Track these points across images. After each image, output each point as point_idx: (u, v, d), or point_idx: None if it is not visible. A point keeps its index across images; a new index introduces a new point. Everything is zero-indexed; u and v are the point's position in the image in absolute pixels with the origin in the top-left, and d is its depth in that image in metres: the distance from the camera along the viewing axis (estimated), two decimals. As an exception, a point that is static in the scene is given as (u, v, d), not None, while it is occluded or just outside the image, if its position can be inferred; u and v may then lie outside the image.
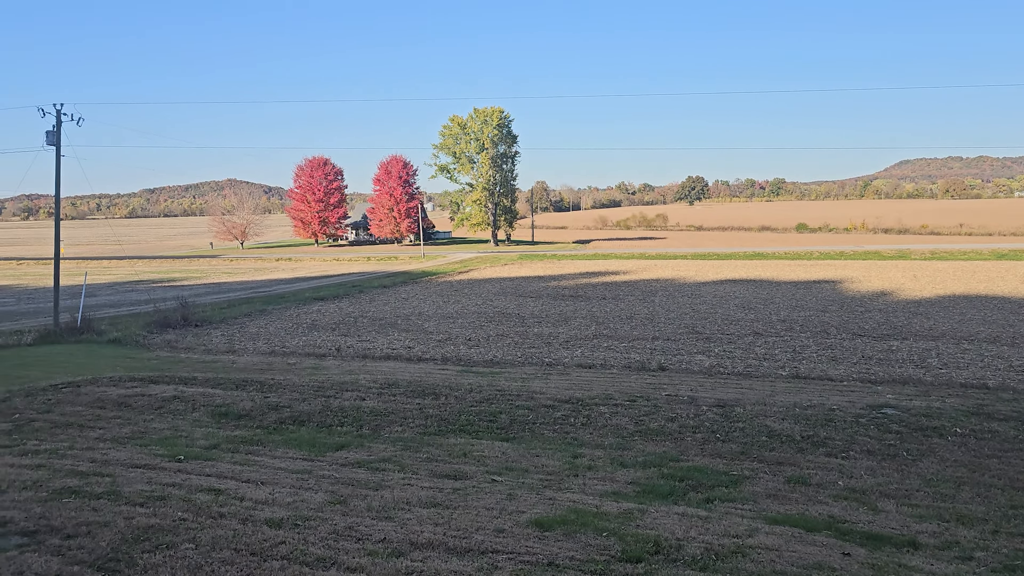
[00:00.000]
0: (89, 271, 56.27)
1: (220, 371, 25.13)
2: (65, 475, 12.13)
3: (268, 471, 13.15)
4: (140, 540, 8.88)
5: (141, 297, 53.68)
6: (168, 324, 38.61)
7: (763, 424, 16.47)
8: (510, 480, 12.79)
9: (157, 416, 18.50)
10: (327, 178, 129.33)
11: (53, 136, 36.16)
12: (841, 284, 55.21)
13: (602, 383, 22.33)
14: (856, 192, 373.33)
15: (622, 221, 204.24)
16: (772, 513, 10.86)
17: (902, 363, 25.45)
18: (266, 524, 9.80)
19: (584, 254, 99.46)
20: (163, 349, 32.18)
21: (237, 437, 16.27)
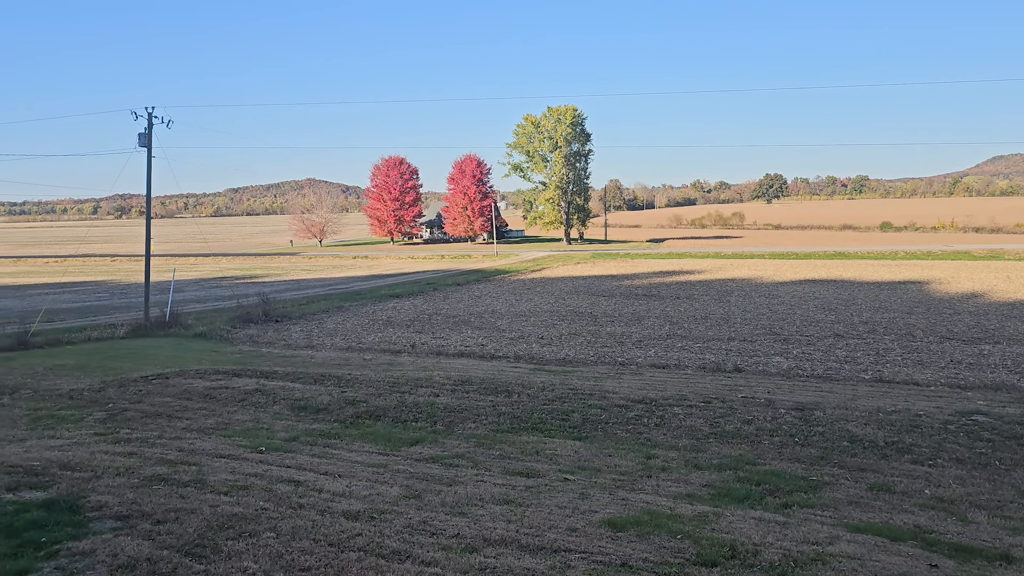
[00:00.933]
0: (177, 268, 58.51)
1: (299, 365, 25.80)
2: (155, 463, 12.65)
3: (345, 464, 13.44)
4: (224, 527, 9.20)
5: (225, 293, 55.55)
6: (250, 319, 39.84)
7: (844, 429, 16.00)
8: (582, 479, 12.76)
9: (240, 408, 19.12)
10: (403, 177, 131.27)
11: (145, 138, 37.71)
12: (928, 285, 53.16)
13: (676, 383, 22.05)
14: (945, 189, 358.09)
15: (697, 220, 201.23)
16: (854, 521, 10.53)
17: (994, 368, 24.34)
18: (343, 516, 10.02)
19: (658, 253, 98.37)
20: (245, 343, 33.22)
21: (315, 430, 16.68)
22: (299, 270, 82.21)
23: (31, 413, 18.33)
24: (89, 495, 10.36)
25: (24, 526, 9.05)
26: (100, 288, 64.89)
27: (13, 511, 9.59)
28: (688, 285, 56.98)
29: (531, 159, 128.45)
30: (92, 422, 17.25)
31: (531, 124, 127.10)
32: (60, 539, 8.63)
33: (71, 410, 18.68)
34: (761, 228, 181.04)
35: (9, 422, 17.27)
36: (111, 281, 72.27)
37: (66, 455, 12.98)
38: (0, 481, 10.81)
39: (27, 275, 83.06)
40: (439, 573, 8.16)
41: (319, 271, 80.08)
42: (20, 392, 21.11)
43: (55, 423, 17.12)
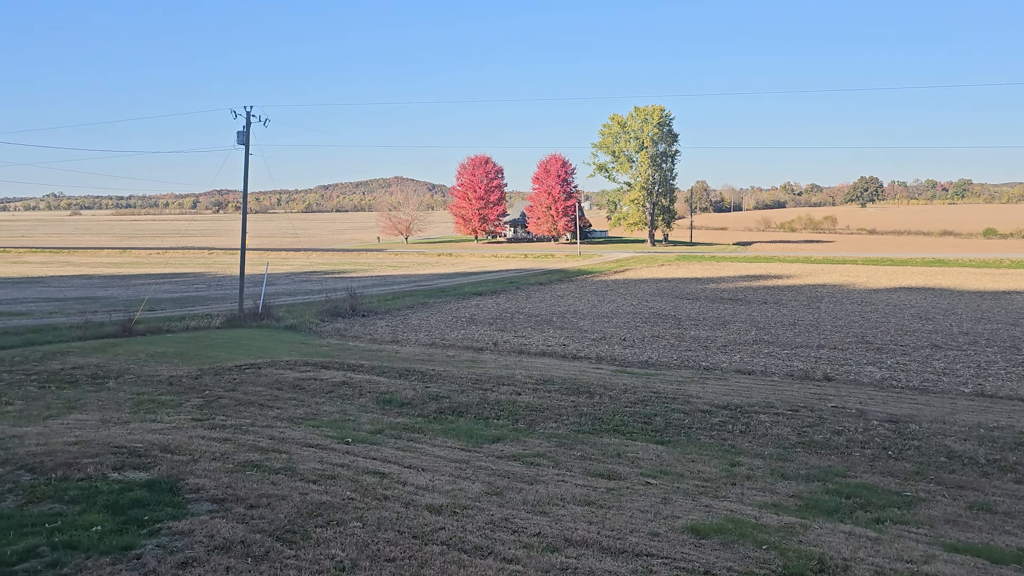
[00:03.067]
0: (270, 261, 60.52)
1: (384, 360, 26.34)
2: (248, 449, 13.13)
3: (428, 458, 13.65)
4: (313, 515, 9.48)
5: (314, 287, 57.18)
6: (338, 313, 40.90)
7: (941, 443, 15.33)
8: (664, 484, 12.62)
9: (327, 400, 19.65)
10: (488, 176, 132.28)
11: (243, 136, 39.14)
12: (1036, 296, 50.41)
13: (762, 390, 21.56)
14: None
15: (786, 223, 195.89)
16: (951, 540, 10.09)
17: (1109, 386, 22.91)
18: (427, 509, 10.18)
19: (745, 256, 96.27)
20: (333, 337, 34.11)
21: (399, 424, 17.00)
22: (385, 266, 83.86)
23: (134, 397, 19.29)
24: (187, 477, 10.84)
25: (128, 504, 9.54)
26: (198, 279, 67.73)
27: (119, 489, 10.11)
28: (776, 290, 55.58)
29: (616, 159, 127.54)
30: (190, 408, 18.03)
31: (617, 124, 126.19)
32: (161, 518, 9.06)
33: (171, 395, 19.57)
34: (854, 233, 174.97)
35: (115, 405, 18.22)
36: (208, 273, 75.32)
37: (166, 438, 13.60)
38: (107, 461, 11.41)
39: (132, 265, 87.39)
40: (520, 571, 8.20)
41: (404, 268, 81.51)
42: (124, 377, 22.23)
43: (156, 407, 17.96)
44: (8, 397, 19.01)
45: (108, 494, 9.90)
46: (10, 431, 13.92)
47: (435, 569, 8.10)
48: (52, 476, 10.55)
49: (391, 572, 7.98)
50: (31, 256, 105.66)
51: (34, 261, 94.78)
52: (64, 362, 24.24)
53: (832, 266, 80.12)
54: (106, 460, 11.45)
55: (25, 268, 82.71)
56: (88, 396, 19.34)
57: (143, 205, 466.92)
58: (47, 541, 8.20)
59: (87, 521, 8.84)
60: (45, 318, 38.23)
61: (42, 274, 74.41)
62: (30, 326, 34.39)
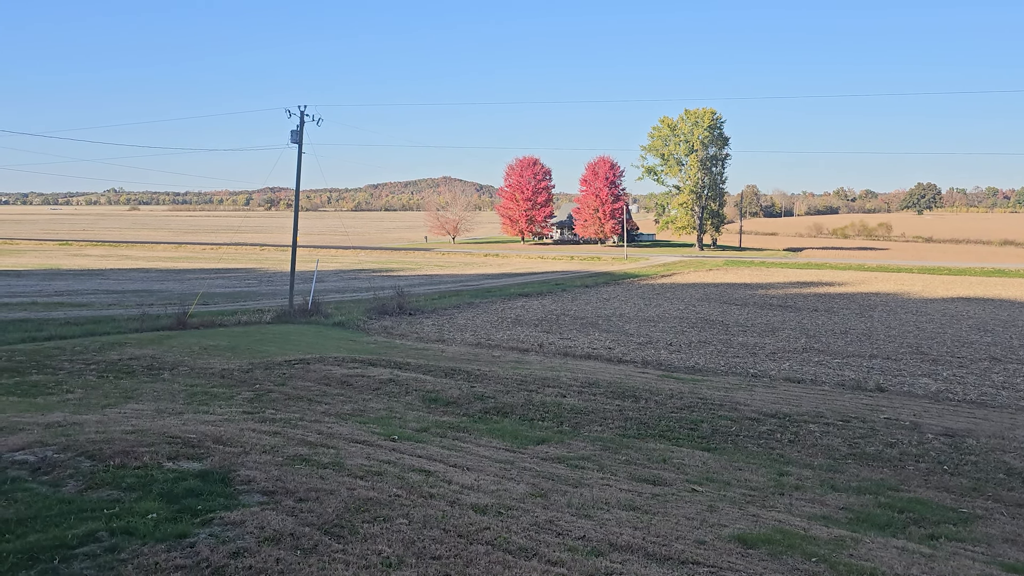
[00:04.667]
0: (319, 259, 61.38)
1: (430, 359, 26.52)
2: (296, 443, 13.34)
3: (473, 458, 13.71)
4: (361, 510, 9.59)
5: (363, 285, 57.83)
6: (385, 311, 41.31)
7: (1000, 460, 14.90)
8: (711, 491, 12.48)
9: (374, 396, 19.87)
10: (536, 178, 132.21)
11: (296, 135, 39.77)
12: (1101, 309, 48.63)
13: (812, 399, 21.19)
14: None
15: (839, 229, 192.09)
16: (1010, 560, 9.80)
17: None
18: (472, 509, 10.23)
19: (795, 262, 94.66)
20: (380, 334, 34.47)
21: (445, 423, 17.11)
22: (432, 265, 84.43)
23: (188, 389, 19.74)
24: (239, 469, 11.05)
25: (182, 493, 9.77)
26: (249, 275, 69.00)
27: (173, 479, 10.36)
28: (827, 297, 54.56)
29: (665, 162, 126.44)
30: (241, 401, 18.40)
31: (667, 127, 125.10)
32: (214, 508, 9.25)
33: (222, 388, 19.99)
34: (910, 240, 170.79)
35: (169, 396, 18.67)
36: (259, 269, 76.69)
37: (218, 430, 13.89)
38: (162, 450, 11.69)
39: (187, 260, 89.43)
40: (565, 574, 8.19)
41: (451, 267, 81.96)
42: (178, 369, 22.77)
43: (209, 399, 18.36)
44: (69, 385, 19.62)
45: (163, 483, 10.14)
46: (71, 418, 14.35)
47: (480, 569, 8.13)
48: (110, 463, 10.85)
49: (437, 570, 8.03)
50: (92, 249, 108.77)
51: (94, 254, 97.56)
52: (122, 353, 24.92)
53: (886, 274, 78.35)
54: (161, 449, 11.73)
55: (86, 261, 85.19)
56: (144, 386, 19.86)
57: (198, 201, 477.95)
58: (105, 526, 8.44)
59: (143, 508, 9.07)
60: (104, 310, 39.36)
61: (102, 267, 76.61)
62: (90, 317, 35.46)
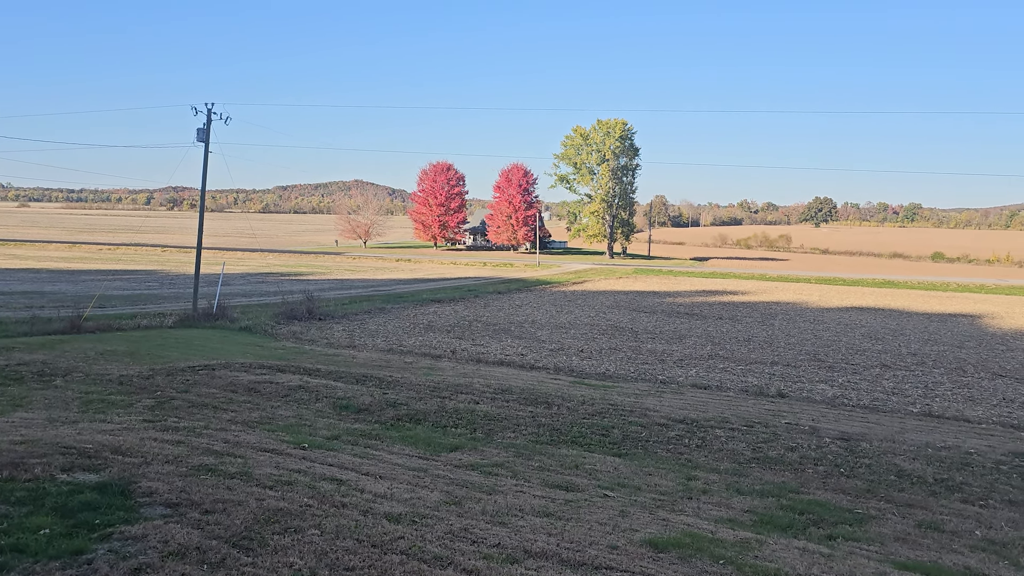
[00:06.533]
0: (225, 261, 59.55)
1: (341, 365, 26.07)
2: (202, 453, 12.88)
3: (386, 466, 13.54)
4: (270, 522, 9.33)
5: (270, 288, 56.43)
6: (294, 316, 40.40)
7: (891, 462, 15.68)
8: (622, 497, 12.68)
9: (283, 404, 19.38)
10: (449, 183, 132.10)
11: (203, 133, 38.53)
12: (980, 319, 51.89)
13: (718, 405, 21.83)
14: (1001, 222, 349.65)
15: (742, 240, 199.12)
16: (901, 558, 10.31)
17: (1049, 409, 23.66)
18: (385, 518, 10.09)
19: (701, 272, 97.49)
20: (289, 339, 33.68)
21: (357, 430, 16.83)
22: (343, 270, 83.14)
23: (82, 396, 18.79)
24: (140, 480, 10.59)
25: (78, 507, 9.28)
26: (151, 277, 66.35)
27: (68, 491, 9.84)
28: (731, 306, 56.37)
29: (578, 171, 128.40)
30: (141, 408, 17.63)
31: (580, 136, 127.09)
32: (113, 522, 8.83)
33: (121, 395, 19.12)
34: (808, 252, 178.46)
35: (62, 404, 17.73)
36: (161, 271, 73.84)
37: (117, 439, 13.28)
38: (55, 461, 11.09)
39: (81, 260, 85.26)
40: (480, 582, 8.17)
41: (362, 272, 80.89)
42: (72, 375, 21.66)
43: (106, 407, 17.53)
44: (-50, 393, 18.40)
45: (57, 496, 9.62)
46: (-48, 428, 13.48)
47: (394, 579, 8.03)
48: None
49: (350, 581, 7.89)
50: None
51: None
52: (9, 358, 23.55)
53: (786, 284, 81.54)
54: (54, 461, 11.14)
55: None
56: (34, 394, 18.80)
57: (95, 199, 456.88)
58: (-8, 544, 7.95)
59: (35, 524, 8.58)
60: (-11, 312, 37.10)
61: (-13, 266, 72.23)
62: (-27, 320, 33.35)
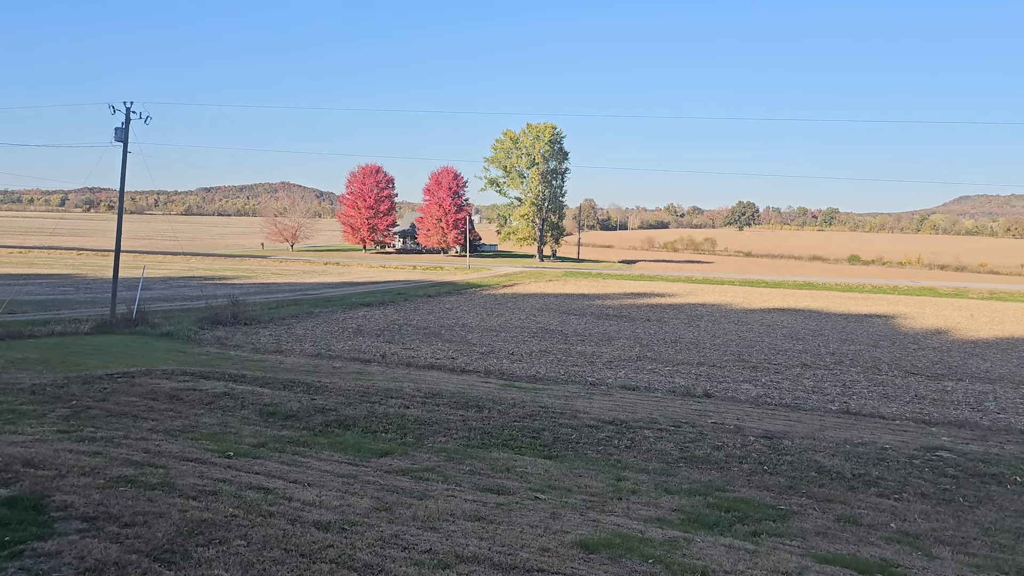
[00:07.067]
0: (146, 265, 57.63)
1: (268, 370, 25.53)
2: (121, 464, 12.41)
3: (315, 473, 13.30)
4: (194, 533, 9.05)
5: (194, 293, 54.86)
6: (219, 321, 39.38)
7: (812, 459, 16.18)
8: (553, 499, 12.75)
9: (207, 411, 18.85)
10: (378, 185, 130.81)
11: (122, 133, 37.25)
12: (894, 319, 54.07)
13: (646, 406, 22.16)
14: (912, 226, 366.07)
15: (669, 243, 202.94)
16: (822, 552, 10.64)
17: (957, 405, 24.81)
18: (314, 526, 9.91)
19: (629, 274, 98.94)
20: (213, 345, 32.81)
21: (284, 437, 16.49)
22: (269, 273, 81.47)
23: (-9, 407, 17.90)
24: (54, 494, 10.14)
25: (-14, 524, 8.84)
26: (65, 282, 63.75)
27: (-26, 508, 9.36)
28: (659, 308, 57.35)
29: (508, 174, 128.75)
30: (55, 419, 16.90)
31: (510, 140, 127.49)
32: (24, 539, 8.42)
33: (33, 405, 18.29)
34: (732, 255, 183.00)
35: (-31, 415, 16.85)
36: (77, 275, 71.01)
37: (29, 452, 12.70)
38: (-39, 476, 10.55)
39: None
40: (411, 589, 8.09)
41: (290, 275, 79.41)
42: (-20, 385, 20.62)
43: (16, 418, 16.73)
44: None
45: (-38, 513, 9.14)
46: None
47: (324, 589, 7.89)
48: None
49: (277, 593, 7.72)
50: None
51: None
52: (-90, 368, 22.30)
53: (711, 286, 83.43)
54: (-40, 476, 10.58)
55: None
56: (-62, 405, 17.83)
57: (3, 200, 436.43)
58: None
59: (-62, 543, 8.14)
60: None
61: None
62: None
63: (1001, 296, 78.76)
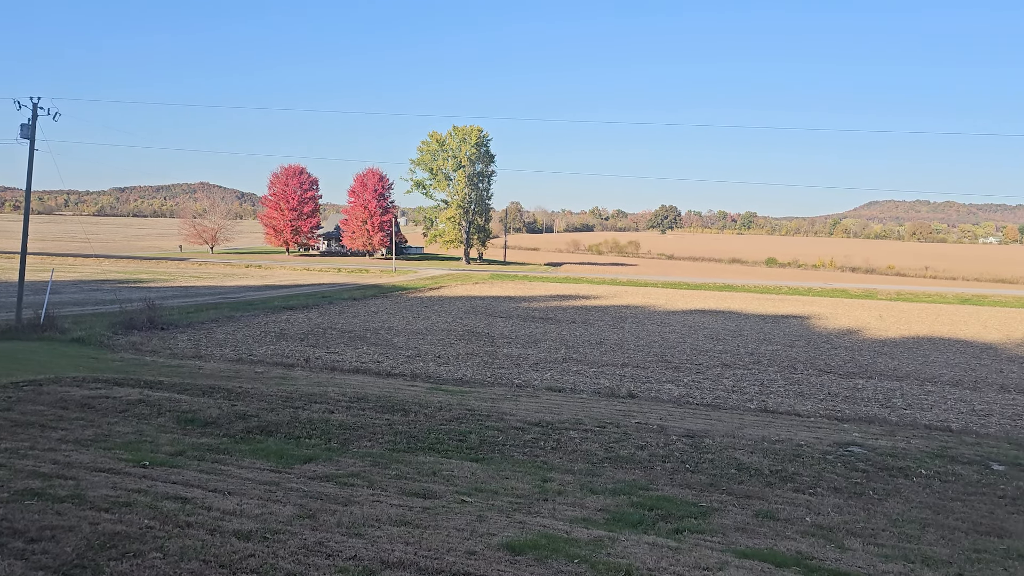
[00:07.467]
0: (55, 268, 55.24)
1: (186, 376, 24.78)
2: (27, 476, 11.86)
3: (235, 481, 12.97)
4: (106, 547, 8.70)
5: (107, 297, 52.84)
6: (134, 326, 38.05)
7: (732, 457, 16.61)
8: (480, 501, 12.74)
9: (121, 419, 18.17)
10: (302, 187, 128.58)
11: (28, 129, 35.63)
12: (808, 320, 55.95)
13: (572, 407, 22.36)
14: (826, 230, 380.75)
15: (594, 246, 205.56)
16: (741, 547, 10.93)
17: (867, 402, 25.83)
18: (235, 536, 9.66)
19: (555, 277, 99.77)
20: (128, 351, 31.67)
21: (203, 445, 16.03)
22: (188, 276, 79.12)
23: None
24: (-48, 510, 9.63)
25: None
26: (-34, 285, 60.54)
27: None
28: (584, 310, 57.97)
29: (434, 177, 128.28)
30: (-45, 430, 16.02)
31: (436, 142, 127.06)
32: (-81, 558, 7.98)
33: (-70, 416, 17.30)
34: (655, 257, 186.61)
35: None
36: (-21, 278, 67.54)
37: (-75, 466, 12.02)
38: None
39: None
40: (335, 597, 7.97)
41: (209, 279, 77.29)
42: None
43: (-88, 430, 15.81)
44: None
45: None
46: None
47: (244, 600, 7.69)
48: None
49: (195, 606, 7.49)
50: None
51: None
52: None
53: (635, 288, 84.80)
54: None
55: None
56: None
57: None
58: None
59: None
60: None
61: None
62: None
63: (907, 297, 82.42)
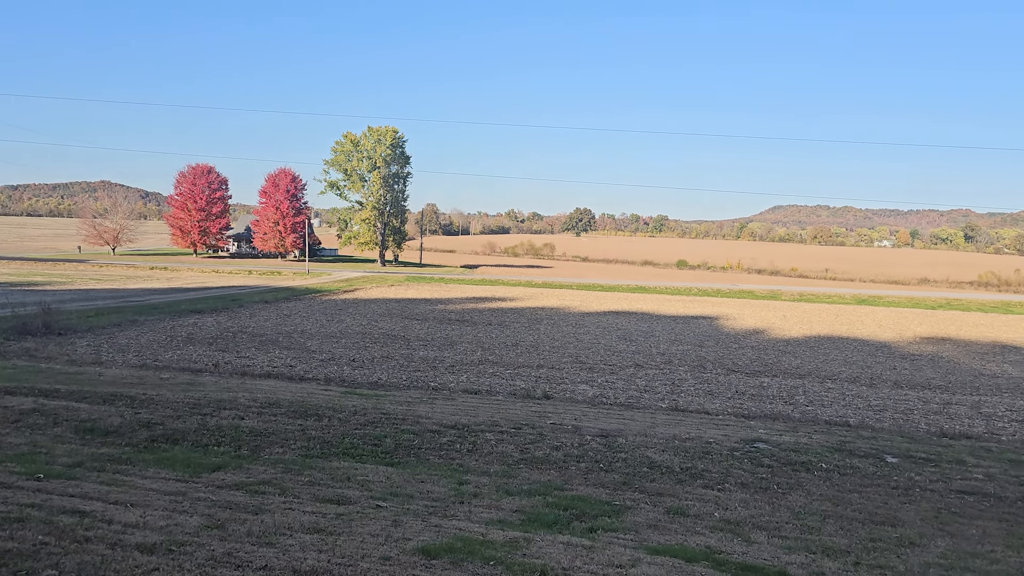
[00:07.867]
0: (-61, 270, 52.00)
1: (85, 384, 23.70)
2: (-93, 493, 11.12)
3: (139, 492, 12.47)
4: (-5, 566, 8.26)
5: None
6: (28, 331, 36.18)
7: (644, 455, 16.94)
8: (395, 506, 12.63)
9: (13, 430, 17.24)
10: (211, 187, 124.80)
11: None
12: (717, 321, 57.62)
13: (488, 409, 22.40)
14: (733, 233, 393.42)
15: (510, 248, 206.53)
16: (653, 544, 11.16)
17: (772, 399, 26.78)
18: (137, 549, 9.29)
19: (471, 279, 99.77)
20: (21, 358, 30.08)
21: (104, 455, 15.36)
22: (88, 279, 75.69)
23: None
24: None
25: None
26: None
27: None
28: (500, 312, 58.17)
29: (349, 178, 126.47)
30: None
31: (350, 142, 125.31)
32: None
33: None
34: (570, 259, 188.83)
35: None
36: None
37: None
38: None
39: None
40: (245, 608, 7.75)
41: (111, 281, 74.14)
42: None
43: None
44: None
45: None
46: None
47: (147, 616, 7.40)
48: None
49: (94, 624, 7.16)
50: None
51: None
52: None
53: (550, 290, 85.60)
54: None
55: None
56: None
57: None
58: None
59: None
60: None
61: None
62: None
63: (809, 298, 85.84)
